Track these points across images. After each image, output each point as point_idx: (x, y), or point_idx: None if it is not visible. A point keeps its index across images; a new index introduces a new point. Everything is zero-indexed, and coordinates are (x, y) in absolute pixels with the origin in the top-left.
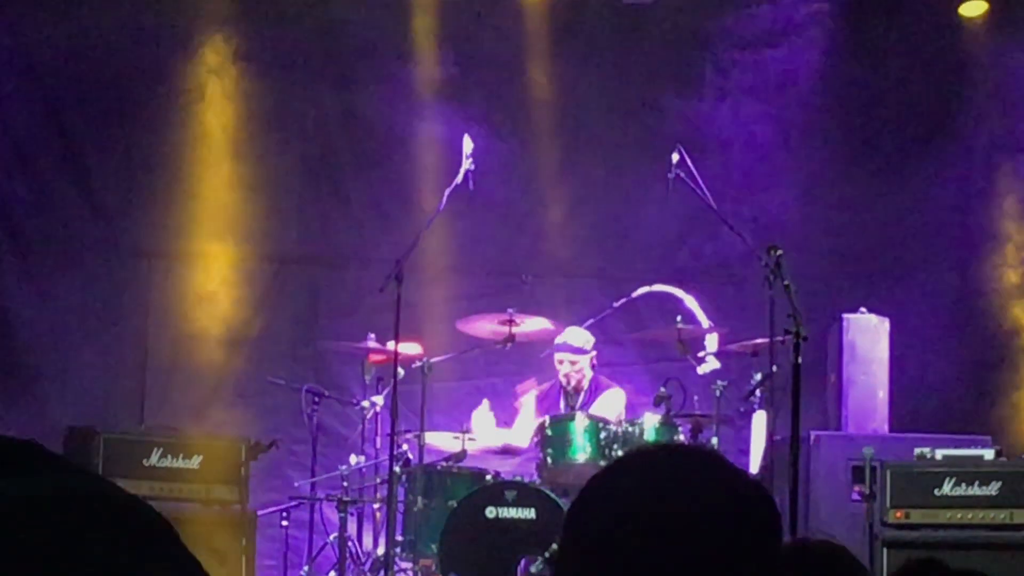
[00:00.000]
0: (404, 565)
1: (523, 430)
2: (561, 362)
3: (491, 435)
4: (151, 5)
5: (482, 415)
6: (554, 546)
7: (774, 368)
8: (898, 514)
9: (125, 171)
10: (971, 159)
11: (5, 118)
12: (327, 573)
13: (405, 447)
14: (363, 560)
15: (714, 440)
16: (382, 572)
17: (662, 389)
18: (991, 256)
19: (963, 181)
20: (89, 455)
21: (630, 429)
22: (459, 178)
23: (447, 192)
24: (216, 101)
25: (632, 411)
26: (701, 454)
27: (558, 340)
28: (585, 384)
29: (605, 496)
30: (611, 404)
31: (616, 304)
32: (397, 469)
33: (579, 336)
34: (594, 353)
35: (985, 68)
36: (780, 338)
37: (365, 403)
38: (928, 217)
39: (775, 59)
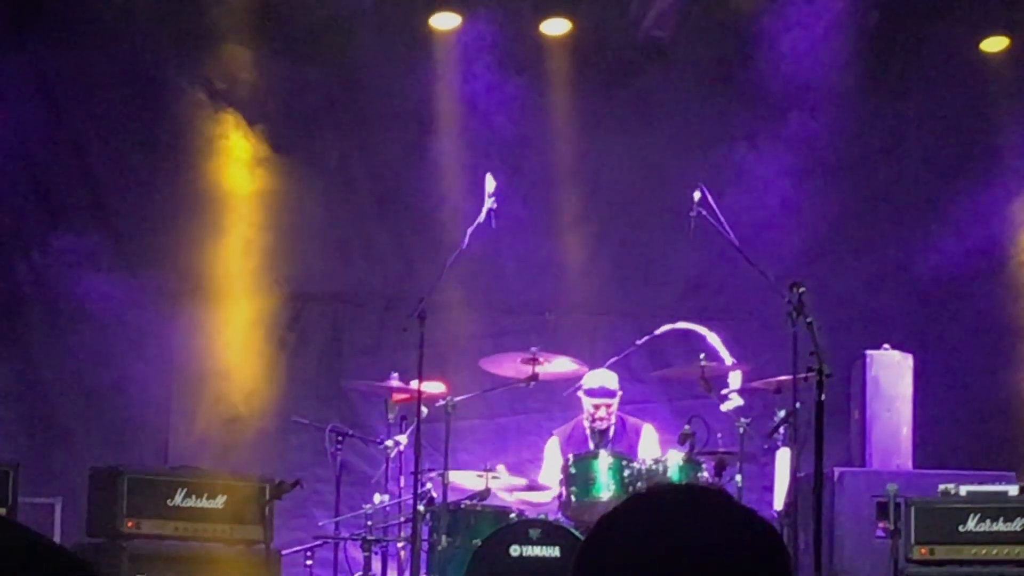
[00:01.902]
0: None
1: (552, 474)
2: (598, 407)
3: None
4: (174, 45)
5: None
6: None
7: (797, 405)
8: (923, 550)
9: (149, 211)
10: (996, 195)
11: (29, 159)
12: None
13: (429, 485)
14: None
15: (738, 477)
16: None
17: (686, 427)
18: (1015, 291)
19: (988, 217)
20: (114, 495)
21: (654, 467)
22: (482, 217)
23: (470, 230)
24: (239, 142)
25: None
26: (710, 495)
27: (592, 385)
28: (611, 423)
29: (614, 537)
30: (653, 442)
31: (639, 342)
32: (421, 508)
33: (611, 379)
34: (621, 393)
35: (1008, 104)
36: (803, 375)
37: (389, 442)
38: (951, 253)
39: (796, 94)
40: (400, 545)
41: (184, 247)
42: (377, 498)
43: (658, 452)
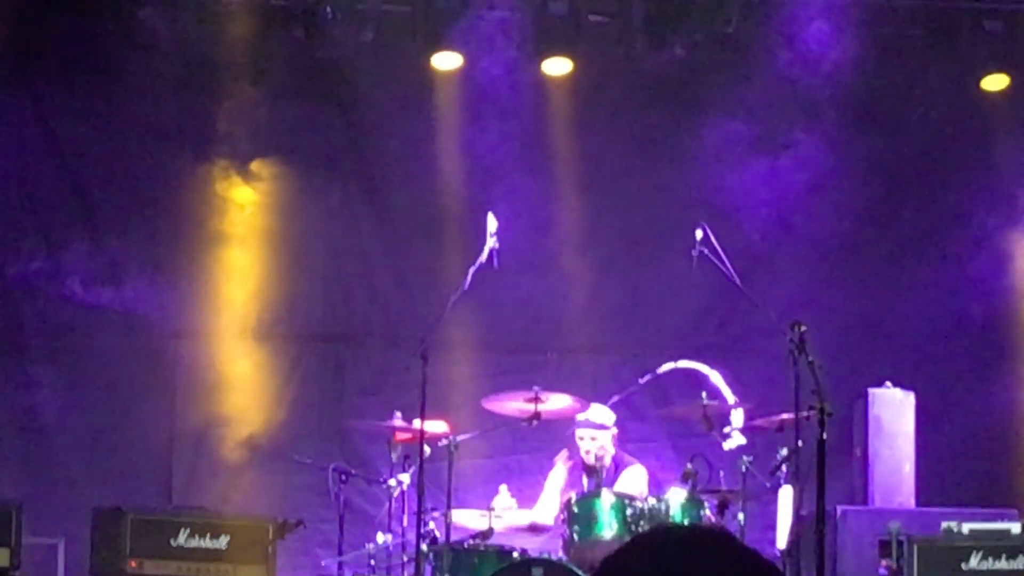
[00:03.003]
0: None
1: (548, 507)
2: (582, 439)
3: (516, 517)
4: (177, 87)
5: (503, 501)
6: None
7: (800, 443)
8: None
9: (150, 252)
10: (997, 232)
11: (32, 200)
12: None
13: (432, 525)
14: None
15: (740, 516)
16: None
17: (688, 465)
18: (1016, 328)
19: (988, 254)
20: (117, 535)
21: (656, 505)
22: (483, 256)
23: (472, 270)
24: (240, 181)
25: (659, 487)
26: (713, 536)
27: (579, 417)
28: (607, 461)
29: None
30: (633, 481)
31: (642, 380)
32: (424, 547)
33: (600, 413)
34: (615, 430)
35: (1009, 141)
36: (805, 413)
37: (392, 481)
38: (952, 290)
39: (796, 130)
40: None
41: (186, 287)
42: (380, 537)
43: (638, 490)
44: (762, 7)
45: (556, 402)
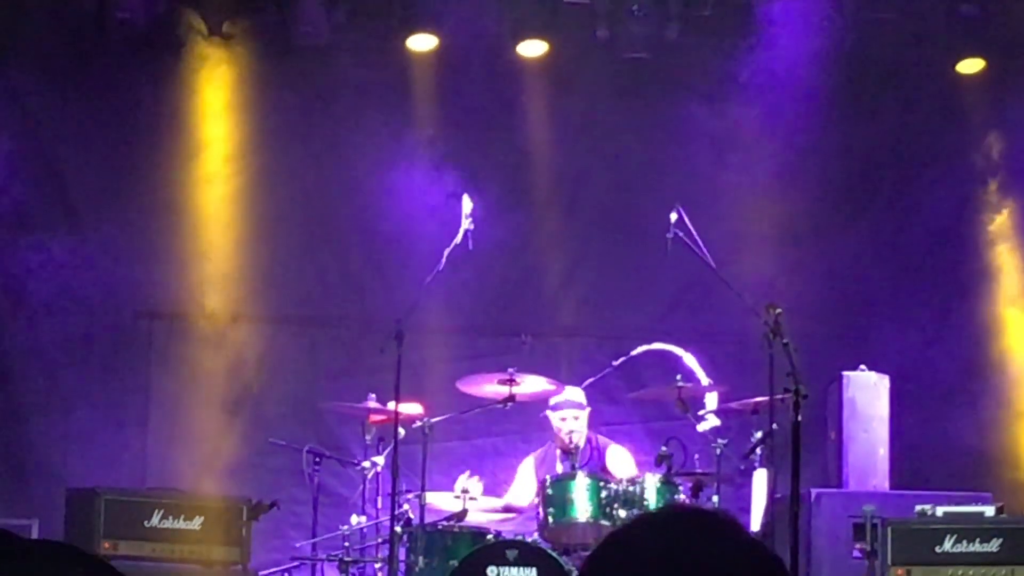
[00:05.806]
0: None
1: (520, 493)
2: (565, 419)
3: (489, 502)
4: (151, 70)
5: (466, 483)
6: None
7: (774, 426)
8: (899, 571)
9: (126, 233)
10: (973, 216)
11: (7, 180)
12: None
13: (406, 507)
14: None
15: (715, 499)
16: None
17: (663, 448)
18: (991, 312)
19: (964, 237)
20: (90, 516)
21: (631, 488)
22: (458, 238)
23: (446, 252)
24: (216, 163)
25: None
26: (716, 519)
27: (557, 400)
28: (583, 442)
29: (620, 558)
30: (625, 462)
31: (616, 363)
32: (398, 529)
33: (577, 393)
34: (590, 409)
35: (983, 125)
36: (780, 396)
37: (366, 463)
38: (927, 273)
39: (773, 115)
40: (377, 566)
41: (160, 268)
42: (354, 519)
43: (632, 471)
44: None
45: (531, 384)
